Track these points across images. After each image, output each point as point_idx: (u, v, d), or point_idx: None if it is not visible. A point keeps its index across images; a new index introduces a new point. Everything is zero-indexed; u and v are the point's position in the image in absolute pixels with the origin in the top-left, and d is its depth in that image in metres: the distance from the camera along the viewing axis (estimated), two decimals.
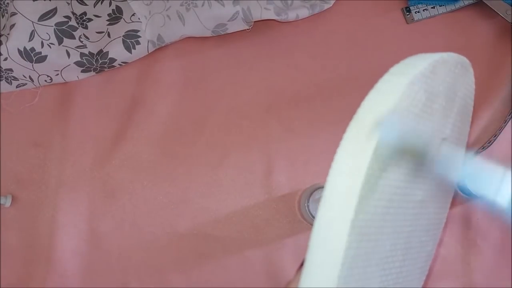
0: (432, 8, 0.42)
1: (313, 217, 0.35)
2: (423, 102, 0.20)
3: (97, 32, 0.40)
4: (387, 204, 0.20)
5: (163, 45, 0.41)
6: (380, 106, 0.18)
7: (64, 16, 0.39)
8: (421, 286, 0.26)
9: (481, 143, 0.40)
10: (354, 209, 0.17)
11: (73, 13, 0.40)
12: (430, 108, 0.21)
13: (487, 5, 0.41)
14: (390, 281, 0.22)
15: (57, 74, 0.41)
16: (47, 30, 0.39)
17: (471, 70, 0.25)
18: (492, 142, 0.40)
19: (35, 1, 0.38)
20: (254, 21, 0.40)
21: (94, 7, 0.41)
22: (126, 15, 0.40)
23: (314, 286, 0.18)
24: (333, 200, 0.18)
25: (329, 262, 0.18)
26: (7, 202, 0.41)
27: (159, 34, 0.40)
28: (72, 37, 0.40)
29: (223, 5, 0.38)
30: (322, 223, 0.18)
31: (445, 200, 0.27)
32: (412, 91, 0.19)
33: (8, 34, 0.38)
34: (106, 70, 0.42)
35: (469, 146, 0.41)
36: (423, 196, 0.23)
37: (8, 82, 0.41)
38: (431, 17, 0.42)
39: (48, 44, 0.39)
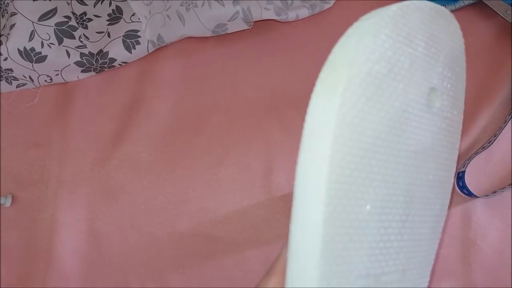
0: None
1: None
2: (397, 47, 0.20)
3: (97, 32, 0.40)
4: (370, 148, 0.19)
5: (163, 45, 0.41)
6: (352, 48, 0.18)
7: (64, 16, 0.39)
8: (433, 251, 0.24)
9: (481, 143, 0.40)
10: (330, 146, 0.18)
11: (73, 13, 0.40)
12: (407, 53, 0.20)
13: (487, 5, 0.41)
14: (392, 235, 0.21)
15: (57, 74, 0.41)
16: (47, 30, 0.39)
17: (455, 22, 0.24)
18: (492, 142, 0.39)
19: (35, 1, 0.38)
20: (254, 21, 0.40)
21: (94, 7, 0.41)
22: (126, 15, 0.40)
23: (300, 234, 0.19)
24: (309, 141, 0.18)
25: (311, 203, 0.18)
26: (7, 202, 0.41)
27: (159, 34, 0.40)
28: (72, 37, 0.40)
29: (223, 5, 0.38)
30: (301, 165, 0.19)
31: (449, 156, 0.25)
32: (382, 34, 0.19)
33: (8, 34, 0.38)
34: (106, 70, 0.42)
35: (468, 146, 0.41)
36: (417, 146, 0.22)
37: (8, 82, 0.41)
38: None
39: (48, 44, 0.39)
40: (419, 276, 0.22)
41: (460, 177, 0.39)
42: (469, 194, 0.39)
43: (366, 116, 0.19)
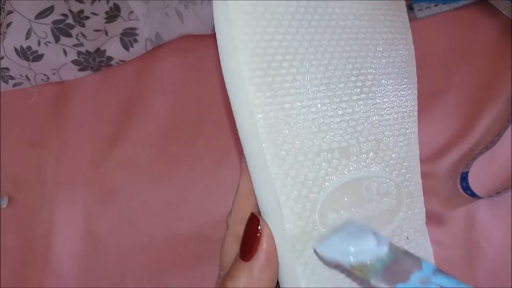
0: (435, 6, 0.41)
1: None
2: None
3: (94, 30, 0.40)
4: (280, 24, 0.19)
5: (161, 43, 0.41)
6: None
7: (61, 14, 0.39)
8: (411, 118, 0.23)
9: (484, 143, 0.40)
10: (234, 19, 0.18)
11: (70, 11, 0.39)
12: None
13: (490, 3, 0.41)
14: (348, 108, 0.21)
15: (54, 73, 0.41)
16: (44, 28, 0.38)
17: None
18: (496, 142, 0.39)
19: None
20: None
21: (92, 5, 0.40)
22: (124, 13, 0.40)
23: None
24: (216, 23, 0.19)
25: (237, 89, 0.20)
26: (3, 203, 0.40)
27: (157, 32, 0.40)
28: (69, 35, 0.39)
29: None
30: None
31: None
32: None
33: (5, 32, 0.37)
34: (103, 68, 0.42)
35: (472, 146, 0.40)
36: (347, 20, 0.21)
37: (4, 81, 0.41)
38: (433, 15, 0.42)
39: (45, 43, 0.38)
40: (403, 144, 0.22)
41: (463, 178, 0.39)
42: (473, 195, 0.39)
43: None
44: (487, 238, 0.39)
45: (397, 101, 0.23)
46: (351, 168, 0.20)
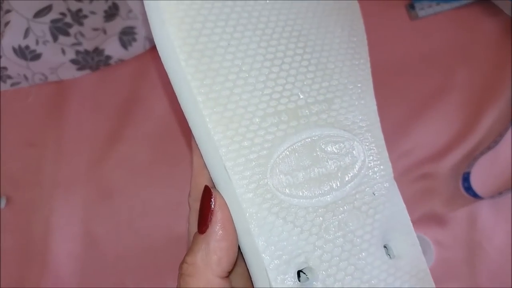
0: (437, 5, 0.41)
1: None
2: None
3: (93, 29, 0.40)
4: None
5: None
6: None
7: (60, 13, 0.39)
8: (366, 76, 0.23)
9: (486, 143, 0.40)
10: None
11: (69, 10, 0.39)
12: None
13: (491, 2, 0.40)
14: (292, 70, 0.20)
15: (52, 73, 0.40)
16: (42, 27, 0.38)
17: None
18: (498, 142, 0.39)
19: None
20: None
21: (90, 3, 0.40)
22: (122, 11, 0.39)
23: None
24: None
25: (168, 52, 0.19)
26: (2, 203, 0.40)
27: None
28: (68, 34, 0.39)
29: None
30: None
31: None
32: None
33: (3, 31, 0.37)
34: (102, 68, 0.41)
35: (474, 146, 0.40)
36: None
37: (2, 81, 0.41)
38: (435, 14, 0.41)
39: (43, 42, 0.38)
40: (358, 102, 0.22)
41: (465, 178, 0.39)
42: (475, 195, 0.38)
43: None
44: (489, 239, 0.39)
45: (346, 59, 0.22)
46: (302, 129, 0.20)
